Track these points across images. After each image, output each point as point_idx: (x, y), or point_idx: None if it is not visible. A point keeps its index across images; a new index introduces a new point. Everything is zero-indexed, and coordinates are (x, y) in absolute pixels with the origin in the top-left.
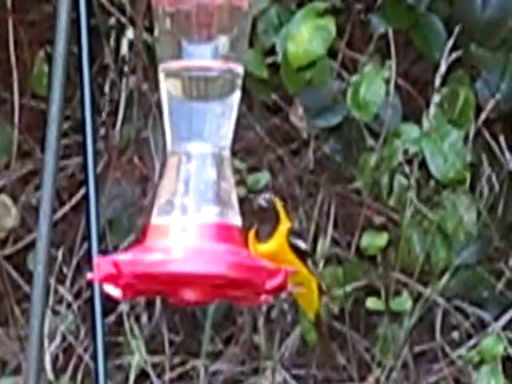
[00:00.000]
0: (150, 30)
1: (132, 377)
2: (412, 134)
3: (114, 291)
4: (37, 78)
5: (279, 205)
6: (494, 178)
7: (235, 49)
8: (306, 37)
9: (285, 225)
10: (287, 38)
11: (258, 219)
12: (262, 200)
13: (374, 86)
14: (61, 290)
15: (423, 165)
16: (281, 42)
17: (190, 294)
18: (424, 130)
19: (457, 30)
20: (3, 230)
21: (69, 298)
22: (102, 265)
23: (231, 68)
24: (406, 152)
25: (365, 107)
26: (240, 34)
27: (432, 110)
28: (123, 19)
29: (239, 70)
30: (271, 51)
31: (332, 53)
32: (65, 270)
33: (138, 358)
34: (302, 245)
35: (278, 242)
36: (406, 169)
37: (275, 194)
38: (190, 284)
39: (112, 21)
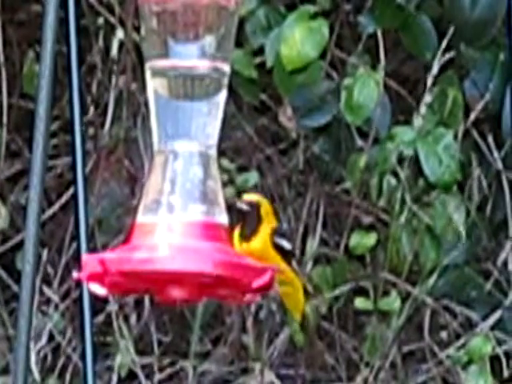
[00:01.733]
0: (139, 29)
1: (120, 377)
2: (406, 137)
3: (99, 289)
4: (26, 78)
5: (263, 204)
6: (482, 178)
7: (222, 48)
8: (298, 40)
9: (269, 224)
10: (279, 40)
11: (242, 218)
12: (242, 204)
13: (368, 89)
14: (49, 290)
15: (413, 165)
16: (271, 45)
17: (176, 292)
18: (416, 130)
19: (449, 30)
20: None
21: (57, 297)
22: (88, 263)
23: (218, 67)
24: (400, 154)
25: (358, 111)
26: (226, 33)
27: (423, 110)
28: (112, 19)
29: (226, 69)
30: (259, 51)
31: (321, 53)
32: (53, 269)
33: (126, 358)
34: (286, 245)
35: (261, 241)
36: (397, 169)
37: (263, 194)
38: (176, 282)
39: (100, 21)
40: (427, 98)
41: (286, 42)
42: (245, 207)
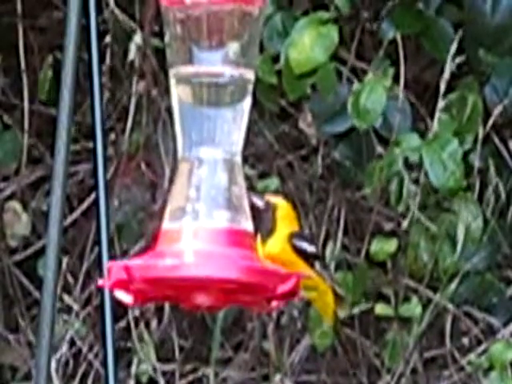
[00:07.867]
0: (159, 35)
1: (141, 383)
2: (411, 143)
3: (124, 297)
4: (41, 83)
5: (281, 207)
6: (502, 184)
7: (246, 54)
8: (308, 44)
9: (286, 228)
10: (290, 45)
11: (258, 217)
12: (257, 200)
13: (375, 94)
14: (71, 296)
15: None
16: (285, 50)
17: (201, 299)
18: (422, 137)
19: (462, 33)
20: (14, 237)
21: (78, 304)
22: (113, 270)
23: (242, 74)
24: (406, 160)
25: (364, 116)
26: (251, 39)
27: (437, 115)
28: (133, 24)
29: (250, 75)
30: (279, 57)
31: (341, 59)
32: (75, 275)
33: (147, 363)
34: (307, 247)
35: (277, 243)
36: (414, 175)
37: (285, 197)
38: (201, 289)
39: (122, 26)
40: (441, 104)
41: (295, 46)
42: (259, 203)
